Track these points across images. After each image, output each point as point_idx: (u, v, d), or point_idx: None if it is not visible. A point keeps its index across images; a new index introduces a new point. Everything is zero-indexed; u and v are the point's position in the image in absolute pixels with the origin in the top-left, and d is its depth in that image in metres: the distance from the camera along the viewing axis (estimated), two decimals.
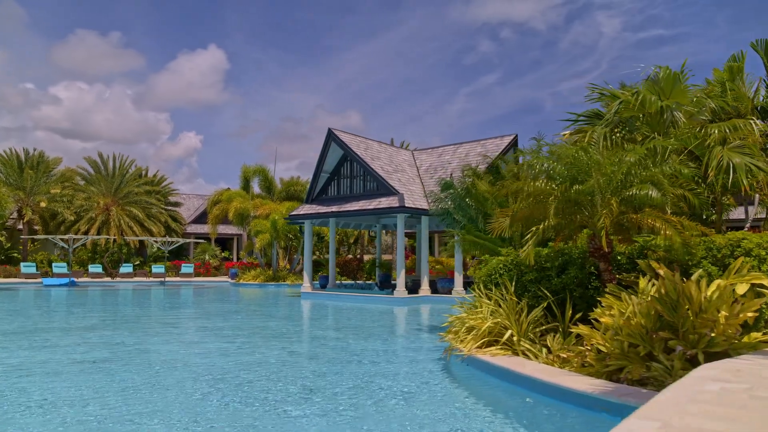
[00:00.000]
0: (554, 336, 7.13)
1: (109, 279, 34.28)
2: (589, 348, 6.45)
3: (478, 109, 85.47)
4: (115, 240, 37.20)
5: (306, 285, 22.57)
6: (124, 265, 36.06)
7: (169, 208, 44.15)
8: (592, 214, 7.09)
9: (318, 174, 21.91)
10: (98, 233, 36.68)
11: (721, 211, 9.59)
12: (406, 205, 18.88)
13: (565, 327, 7.58)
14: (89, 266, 35.69)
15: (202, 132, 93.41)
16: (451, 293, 19.72)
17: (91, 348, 9.66)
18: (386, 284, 24.29)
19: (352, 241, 46.51)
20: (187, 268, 38.32)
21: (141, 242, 40.35)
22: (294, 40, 78.78)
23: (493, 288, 8.46)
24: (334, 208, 21.08)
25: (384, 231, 45.86)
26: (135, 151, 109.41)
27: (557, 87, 79.87)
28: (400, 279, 19.43)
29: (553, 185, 7.09)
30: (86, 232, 36.33)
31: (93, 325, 13.23)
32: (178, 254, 44.54)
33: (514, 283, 8.20)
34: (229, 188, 46.34)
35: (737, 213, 18.55)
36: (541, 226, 6.98)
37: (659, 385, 5.39)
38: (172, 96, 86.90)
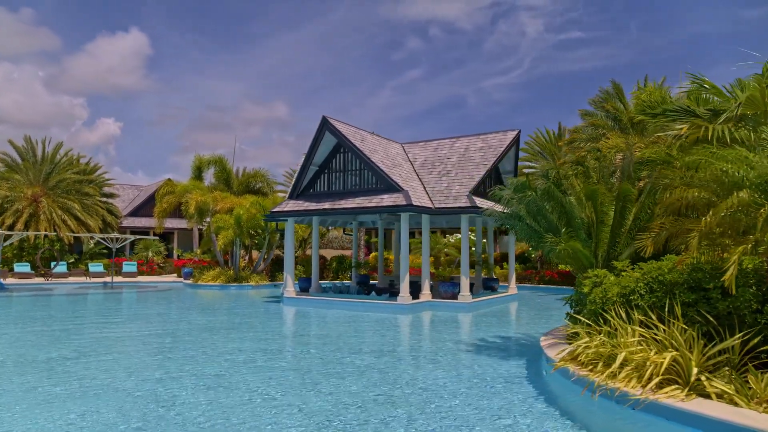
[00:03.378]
0: (762, 375, 5.82)
1: (42, 280, 30.16)
2: None
3: (403, 103, 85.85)
4: (46, 235, 32.91)
5: (289, 289, 20.41)
6: (59, 263, 31.91)
7: (104, 199, 39.90)
8: None
9: (306, 167, 19.80)
10: (26, 227, 32.27)
11: None
12: (413, 204, 17.27)
13: (739, 360, 6.34)
14: (15, 265, 31.31)
15: (121, 119, 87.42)
16: (456, 298, 18.36)
17: (97, 395, 7.39)
18: (364, 286, 22.60)
19: (305, 236, 44.20)
20: (129, 266, 34.71)
21: (76, 238, 36.08)
22: (216, 26, 75.26)
23: (634, 311, 7.08)
24: (327, 205, 19.08)
25: (329, 228, 43.95)
26: (43, 137, 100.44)
27: (480, 84, 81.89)
28: (404, 284, 17.80)
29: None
30: (11, 227, 31.84)
31: (70, 354, 10.69)
32: (117, 251, 40.42)
33: (662, 307, 6.86)
34: (170, 179, 42.61)
35: None
36: (749, 245, 5.64)
37: None
38: (89, 80, 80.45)
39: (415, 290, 19.03)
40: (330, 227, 42.31)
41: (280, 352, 10.78)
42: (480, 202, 18.50)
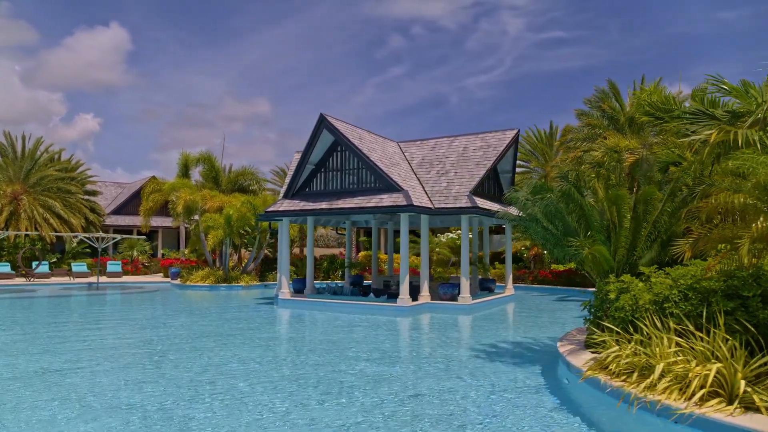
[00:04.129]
0: None
1: (23, 281, 29.20)
2: None
3: (386, 101, 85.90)
4: (27, 234, 31.91)
5: (284, 290, 19.97)
6: (42, 263, 30.92)
7: (87, 197, 38.89)
8: None
9: (303, 166, 19.33)
10: (6, 226, 31.24)
11: None
12: (414, 204, 16.94)
13: None
14: None
15: (100, 115, 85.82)
16: (456, 300, 18.08)
17: (101, 412, 6.92)
18: (359, 287, 22.26)
19: (294, 236, 43.60)
20: (114, 266, 33.85)
21: (58, 237, 35.07)
22: (197, 21, 74.23)
23: (668, 319, 6.84)
24: (324, 205, 18.66)
25: (316, 227, 43.30)
26: (22, 132, 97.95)
27: (463, 82, 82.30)
28: (404, 285, 17.48)
29: None
30: None
31: (63, 365, 10.14)
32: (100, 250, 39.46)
33: (698, 315, 6.63)
34: (155, 176, 41.71)
35: None
36: None
37: None
38: (68, 75, 78.71)
39: (413, 291, 18.71)
40: (320, 226, 41.81)
41: (283, 360, 10.35)
42: (481, 202, 18.26)
